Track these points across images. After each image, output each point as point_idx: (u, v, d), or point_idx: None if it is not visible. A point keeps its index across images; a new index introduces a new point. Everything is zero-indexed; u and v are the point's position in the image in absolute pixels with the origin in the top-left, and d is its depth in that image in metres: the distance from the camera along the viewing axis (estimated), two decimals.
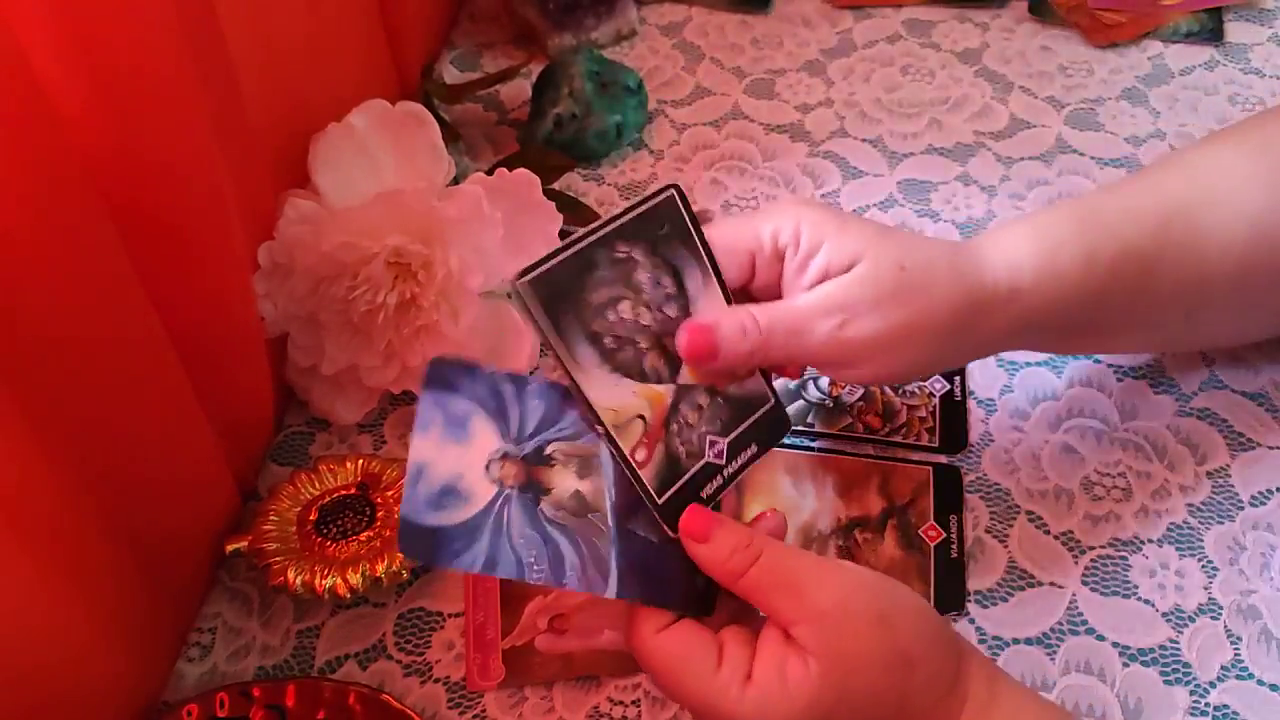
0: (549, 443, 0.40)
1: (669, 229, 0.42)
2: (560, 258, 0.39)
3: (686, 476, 0.41)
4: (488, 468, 0.39)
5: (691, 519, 0.40)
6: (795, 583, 0.39)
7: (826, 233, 0.44)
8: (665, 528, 0.40)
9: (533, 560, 0.39)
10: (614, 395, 0.40)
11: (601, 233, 0.41)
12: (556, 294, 0.39)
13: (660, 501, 0.40)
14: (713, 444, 0.42)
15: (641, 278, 0.41)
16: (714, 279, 0.43)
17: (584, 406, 0.40)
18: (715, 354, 0.42)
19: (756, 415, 0.44)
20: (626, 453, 0.40)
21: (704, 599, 0.41)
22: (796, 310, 0.43)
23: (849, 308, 0.43)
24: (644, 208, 0.42)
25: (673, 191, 0.42)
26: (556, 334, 0.39)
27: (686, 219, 0.43)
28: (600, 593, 0.39)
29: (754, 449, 0.43)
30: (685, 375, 0.42)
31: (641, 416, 0.40)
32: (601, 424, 0.40)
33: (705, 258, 0.43)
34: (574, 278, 0.40)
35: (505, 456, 0.39)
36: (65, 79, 0.38)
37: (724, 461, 0.42)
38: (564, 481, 0.40)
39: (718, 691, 0.38)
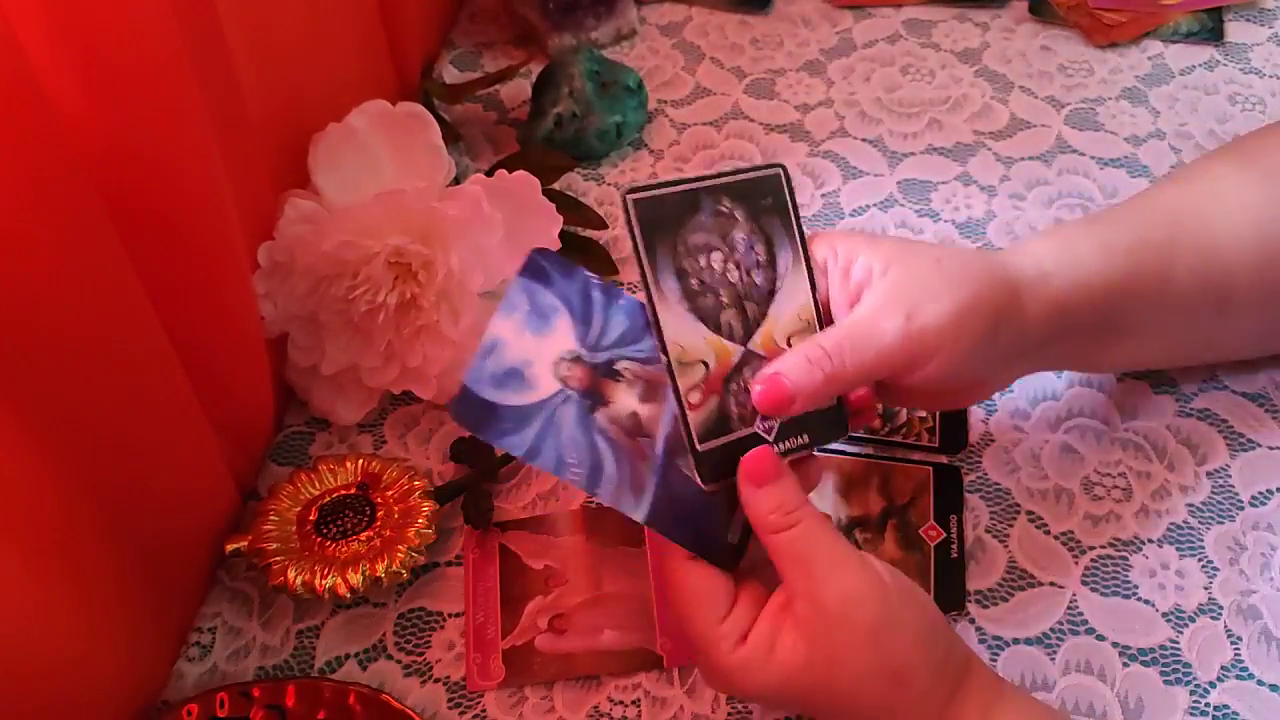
0: (622, 359, 0.42)
1: (771, 202, 0.43)
2: (670, 189, 0.41)
3: (732, 437, 0.41)
4: (556, 365, 0.41)
5: (756, 460, 0.41)
6: (812, 565, 0.40)
7: (859, 245, 0.45)
8: (696, 476, 0.41)
9: (573, 462, 0.40)
10: (685, 333, 0.41)
11: (710, 182, 0.42)
12: (658, 219, 0.41)
13: (699, 449, 0.41)
14: (764, 417, 0.42)
15: (738, 237, 0.43)
16: (804, 264, 0.44)
17: (656, 332, 0.40)
18: (791, 397, 0.41)
19: (816, 407, 0.43)
20: (683, 390, 0.40)
21: (731, 554, 0.42)
22: (857, 321, 0.43)
23: (908, 300, 0.43)
24: (750, 175, 0.43)
25: (779, 170, 0.44)
26: (648, 255, 0.40)
27: (789, 200, 0.44)
28: (630, 513, 0.40)
29: (805, 439, 0.43)
30: (756, 343, 0.42)
31: (705, 364, 0.41)
32: (667, 354, 0.40)
33: (800, 242, 0.44)
34: (678, 212, 0.41)
35: (577, 359, 0.41)
36: (64, 80, 0.38)
37: (771, 439, 0.42)
38: (625, 399, 0.41)
39: (715, 640, 0.40)
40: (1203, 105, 0.72)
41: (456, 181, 0.59)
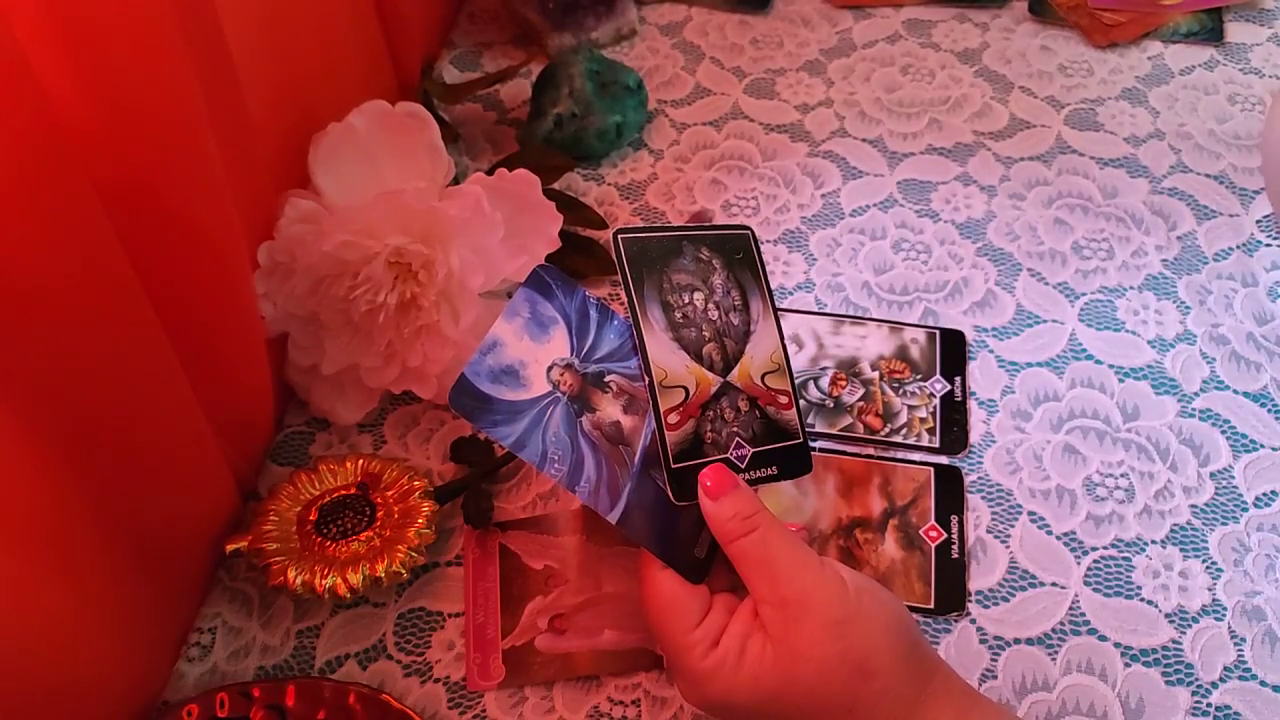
0: (611, 373, 0.45)
1: (742, 256, 0.48)
2: (655, 233, 0.46)
3: (705, 460, 0.44)
4: (549, 369, 0.44)
5: (712, 474, 0.43)
6: (773, 567, 0.41)
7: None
8: (670, 492, 0.43)
9: (556, 458, 0.43)
10: (668, 360, 0.44)
11: (691, 232, 0.47)
12: (643, 256, 0.45)
13: (674, 467, 0.43)
14: (739, 446, 0.45)
15: (716, 282, 0.47)
16: (773, 315, 0.48)
17: (641, 356, 0.44)
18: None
19: (785, 444, 0.46)
20: (662, 410, 0.43)
21: (698, 567, 0.43)
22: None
23: None
24: (722, 231, 0.48)
25: (747, 231, 0.49)
26: (635, 286, 0.45)
27: (756, 257, 0.48)
28: (605, 514, 0.43)
29: (774, 470, 0.46)
30: (734, 376, 0.45)
31: (685, 389, 0.44)
32: (650, 375, 0.44)
33: (767, 293, 0.48)
34: (662, 253, 0.46)
35: (569, 366, 0.44)
36: (63, 80, 0.38)
37: (743, 466, 0.45)
38: (610, 409, 0.44)
39: (688, 646, 0.41)
40: (1203, 105, 0.72)
41: (456, 181, 0.59)
